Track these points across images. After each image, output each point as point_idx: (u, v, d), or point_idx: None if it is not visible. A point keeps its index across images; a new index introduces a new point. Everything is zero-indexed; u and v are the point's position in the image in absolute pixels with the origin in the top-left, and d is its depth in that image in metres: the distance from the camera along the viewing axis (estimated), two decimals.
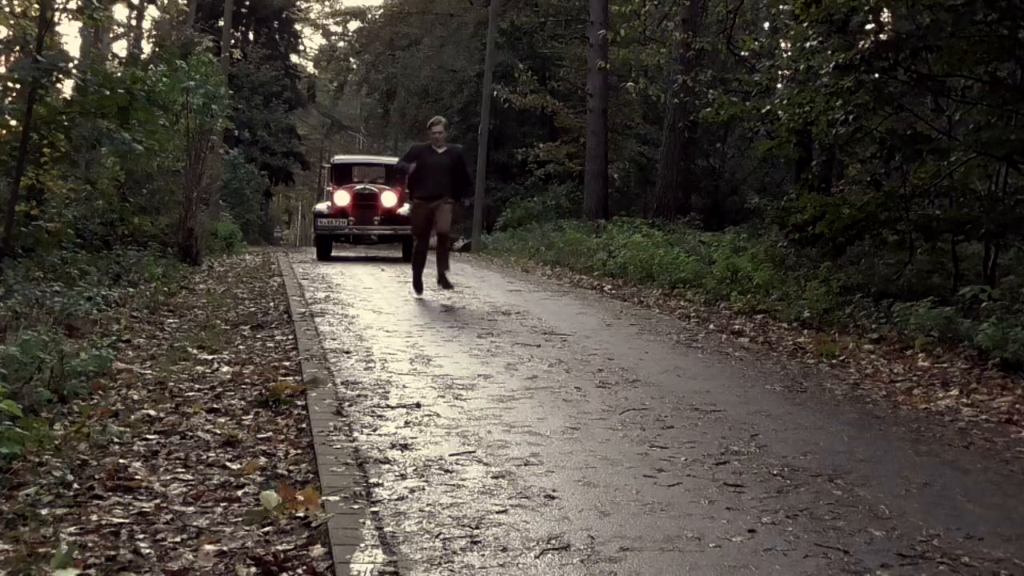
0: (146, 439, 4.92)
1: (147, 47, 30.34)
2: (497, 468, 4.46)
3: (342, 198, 17.75)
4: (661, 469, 4.53)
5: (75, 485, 4.09)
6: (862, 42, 10.48)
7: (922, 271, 11.14)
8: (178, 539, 3.55)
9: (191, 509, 3.89)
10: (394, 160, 21.07)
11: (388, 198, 17.80)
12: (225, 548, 3.46)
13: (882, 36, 10.95)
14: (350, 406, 5.67)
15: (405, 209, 17.13)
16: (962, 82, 10.80)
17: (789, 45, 13.46)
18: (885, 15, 12.79)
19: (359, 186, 18.37)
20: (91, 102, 9.75)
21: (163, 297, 10.29)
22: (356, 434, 5.03)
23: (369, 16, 39.87)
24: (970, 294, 8.40)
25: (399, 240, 18.07)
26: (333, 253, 18.57)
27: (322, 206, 18.77)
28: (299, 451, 4.80)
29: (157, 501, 3.97)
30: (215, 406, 5.69)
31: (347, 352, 7.56)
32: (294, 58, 40.89)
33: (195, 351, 7.44)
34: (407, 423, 5.31)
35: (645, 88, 18.95)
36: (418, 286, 11.41)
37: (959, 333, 7.92)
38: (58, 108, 10.08)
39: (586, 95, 22.76)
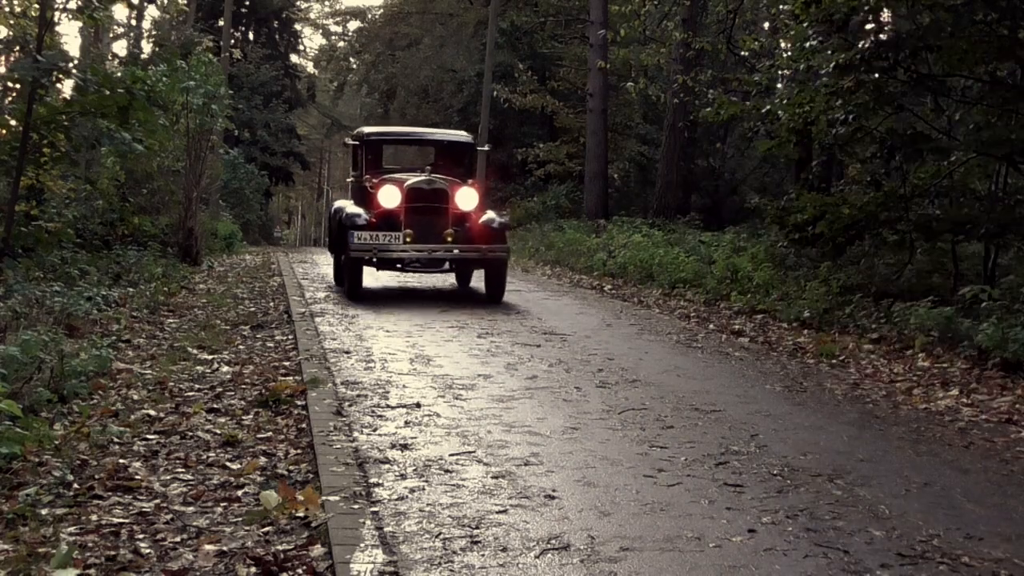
0: (146, 439, 4.92)
1: (147, 47, 30.35)
2: (497, 468, 4.46)
3: (390, 196, 11.00)
4: (661, 469, 4.53)
5: (75, 485, 4.09)
6: (862, 42, 10.46)
7: (922, 271, 11.13)
8: (178, 539, 3.55)
9: (191, 509, 3.89)
10: (460, 135, 13.82)
11: (465, 197, 11.21)
12: (225, 548, 3.46)
13: (882, 36, 10.93)
14: (350, 406, 5.67)
15: (491, 216, 11.37)
16: (962, 82, 10.80)
17: (789, 45, 13.46)
18: (885, 15, 12.78)
19: (417, 178, 11.34)
20: (91, 102, 9.75)
21: (163, 297, 10.29)
22: (356, 434, 5.03)
23: (369, 16, 39.89)
24: (970, 294, 8.40)
25: (482, 266, 11.47)
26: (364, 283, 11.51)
27: (350, 206, 11.73)
28: (299, 451, 4.80)
29: (157, 501, 3.97)
30: (215, 406, 5.69)
31: (347, 352, 7.56)
32: (294, 58, 40.92)
33: (195, 351, 7.44)
34: (407, 423, 5.31)
35: (645, 88, 18.95)
36: None
37: (959, 333, 7.92)
38: (58, 108, 10.07)
39: (586, 95, 22.76)
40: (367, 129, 13.09)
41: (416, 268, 11.37)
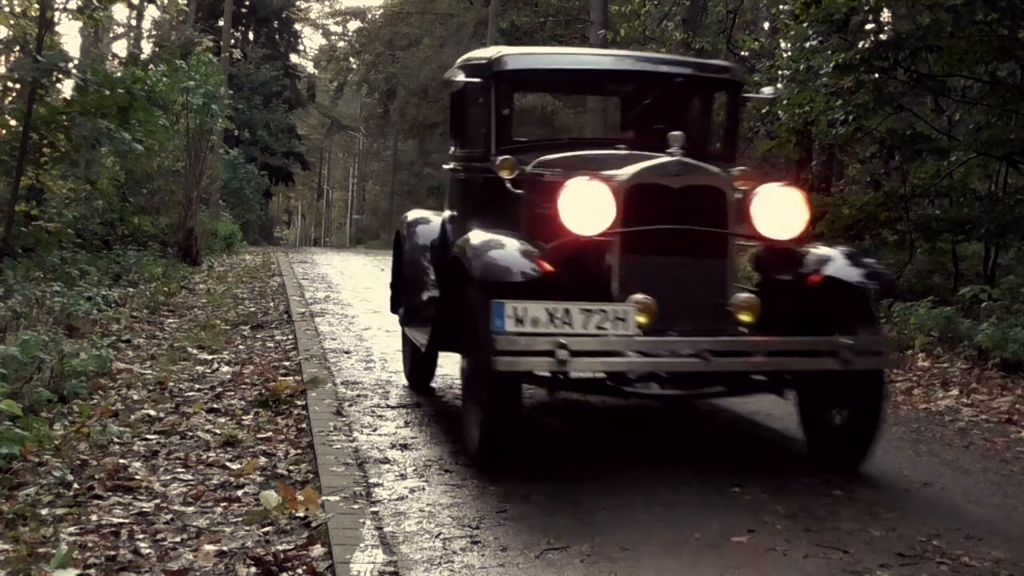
0: (146, 439, 4.92)
1: (147, 47, 30.34)
2: (497, 468, 4.46)
3: (590, 207, 4.25)
4: (661, 469, 4.53)
5: (75, 485, 4.09)
6: (862, 42, 10.46)
7: (922, 271, 11.12)
8: (178, 539, 3.55)
9: (191, 509, 3.89)
10: (712, 65, 6.45)
11: (774, 207, 4.44)
12: (225, 548, 3.45)
13: (882, 36, 10.92)
14: (350, 406, 5.67)
15: (830, 255, 4.47)
16: (962, 82, 10.79)
17: (789, 45, 13.43)
18: (885, 15, 12.77)
19: (646, 163, 4.41)
20: (91, 102, 9.75)
21: (163, 297, 10.30)
22: (356, 434, 5.03)
23: (369, 16, 39.89)
24: (970, 294, 8.41)
25: (802, 383, 4.50)
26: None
27: (477, 232, 4.54)
28: (299, 451, 4.80)
29: (157, 501, 3.97)
30: (215, 406, 5.69)
31: (347, 352, 7.56)
32: (294, 58, 40.84)
33: (195, 351, 7.44)
34: (407, 423, 5.31)
35: None
36: None
37: (959, 333, 7.91)
38: (58, 108, 10.09)
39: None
40: (505, 52, 5.57)
41: (661, 396, 4.49)
